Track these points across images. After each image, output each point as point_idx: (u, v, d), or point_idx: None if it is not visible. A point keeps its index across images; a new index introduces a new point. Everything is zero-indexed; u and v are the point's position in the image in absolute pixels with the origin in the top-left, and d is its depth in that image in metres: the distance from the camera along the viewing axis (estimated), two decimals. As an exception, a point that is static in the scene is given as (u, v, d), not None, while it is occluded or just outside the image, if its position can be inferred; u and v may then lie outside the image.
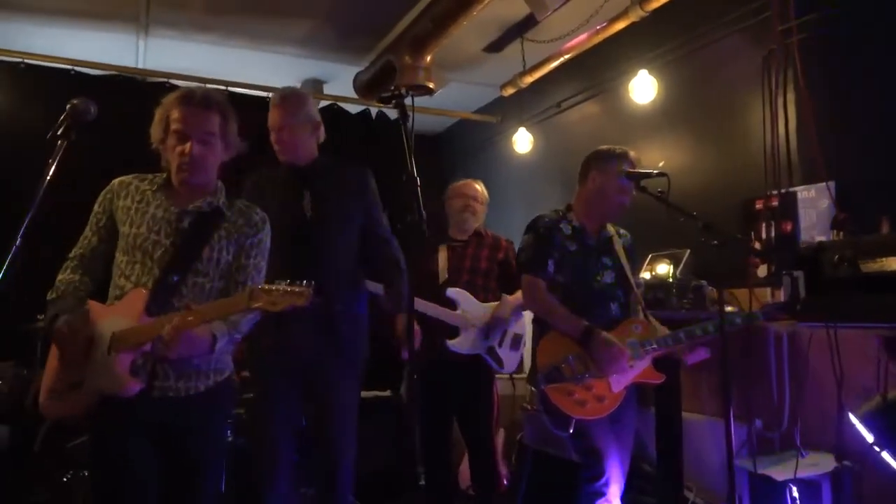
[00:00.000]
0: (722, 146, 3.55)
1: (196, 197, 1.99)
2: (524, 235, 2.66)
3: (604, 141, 4.34)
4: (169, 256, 1.91)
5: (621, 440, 2.52)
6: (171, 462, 1.90)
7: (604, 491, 2.42)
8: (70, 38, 4.37)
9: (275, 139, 2.65)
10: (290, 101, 2.65)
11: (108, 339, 1.83)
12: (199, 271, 1.94)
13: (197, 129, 1.92)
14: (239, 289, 1.95)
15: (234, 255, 1.99)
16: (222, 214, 2.00)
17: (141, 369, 1.84)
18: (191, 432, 1.93)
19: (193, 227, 1.95)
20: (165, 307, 1.85)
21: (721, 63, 3.56)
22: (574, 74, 4.56)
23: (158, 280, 1.88)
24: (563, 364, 2.42)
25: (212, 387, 1.97)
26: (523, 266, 2.61)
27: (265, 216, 2.09)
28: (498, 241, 3.50)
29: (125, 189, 2.00)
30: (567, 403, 2.40)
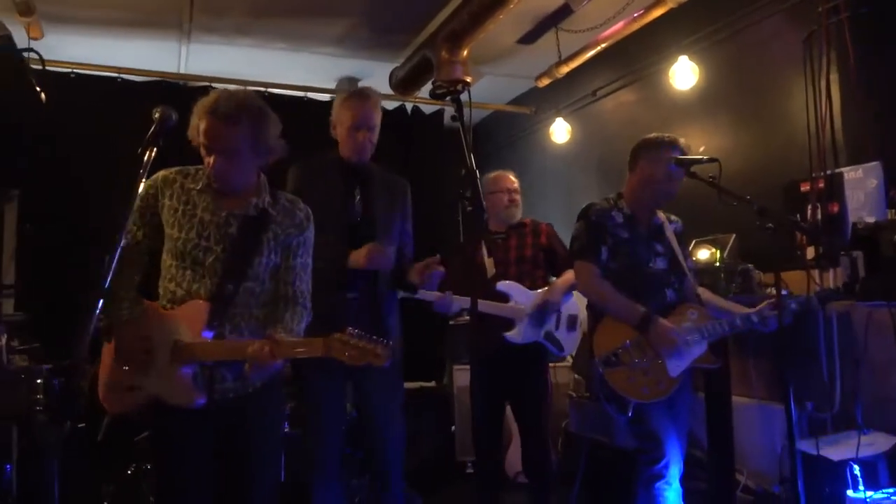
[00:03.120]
0: (764, 129, 3.54)
1: (241, 196, 1.97)
2: (576, 223, 2.68)
3: (641, 128, 4.35)
4: (221, 265, 1.92)
5: (678, 424, 2.55)
6: (230, 456, 1.94)
7: (663, 473, 2.44)
8: (116, 47, 4.51)
9: (359, 139, 2.61)
10: (374, 100, 2.66)
11: (169, 347, 1.85)
12: (251, 277, 1.95)
13: (219, 143, 1.88)
14: (287, 289, 1.99)
15: (282, 256, 2.01)
16: (269, 216, 1.99)
17: (200, 377, 1.88)
18: (249, 427, 1.95)
19: (242, 233, 1.95)
20: (223, 318, 1.88)
21: (762, 45, 3.54)
22: (610, 63, 4.57)
23: (215, 290, 1.90)
24: (621, 349, 2.46)
25: (266, 382, 1.99)
26: (577, 253, 2.64)
27: (308, 212, 2.09)
28: (538, 227, 3.52)
29: (170, 187, 1.96)
30: (626, 387, 2.44)
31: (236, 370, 1.91)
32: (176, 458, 1.91)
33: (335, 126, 2.69)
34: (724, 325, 2.54)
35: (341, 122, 2.66)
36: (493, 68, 5.10)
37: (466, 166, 2.01)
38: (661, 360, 2.47)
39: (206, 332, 1.84)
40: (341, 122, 2.66)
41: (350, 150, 2.66)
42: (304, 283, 2.04)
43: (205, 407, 1.85)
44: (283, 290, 2.00)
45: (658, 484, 2.44)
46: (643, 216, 2.67)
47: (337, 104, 2.70)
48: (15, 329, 2.54)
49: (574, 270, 2.67)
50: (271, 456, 2.07)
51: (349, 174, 2.67)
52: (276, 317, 1.97)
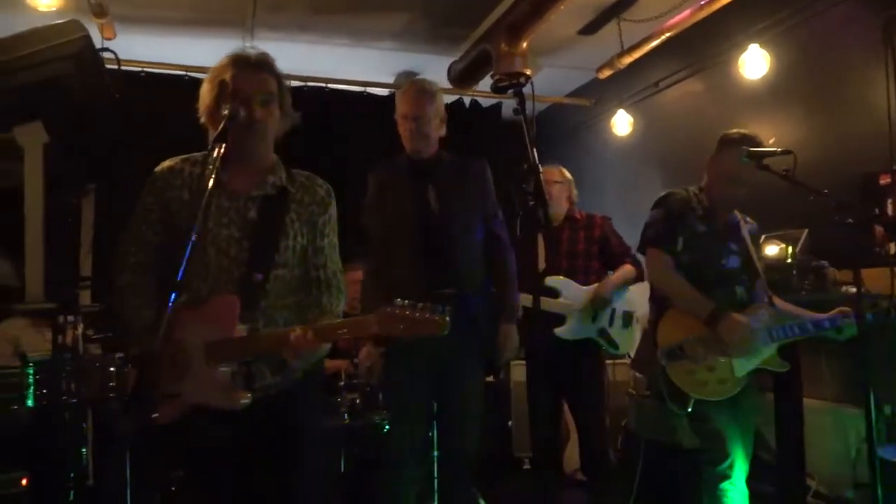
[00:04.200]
0: (839, 119, 3.39)
1: (256, 176, 1.83)
2: (653, 210, 2.62)
3: (707, 121, 4.26)
4: (247, 253, 1.78)
5: (743, 424, 2.48)
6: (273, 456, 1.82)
7: (728, 474, 2.39)
8: (183, 46, 4.63)
9: (406, 127, 2.61)
10: (424, 90, 2.65)
11: (202, 348, 1.72)
12: (279, 263, 1.81)
13: (257, 90, 1.76)
14: (320, 273, 1.87)
15: (308, 237, 1.87)
16: (288, 194, 1.85)
17: (238, 375, 1.75)
18: (290, 423, 1.84)
19: (263, 216, 1.81)
20: (255, 311, 1.75)
21: (837, 31, 3.39)
22: (675, 52, 4.44)
23: (242, 282, 1.76)
24: (686, 342, 2.40)
25: (308, 373, 1.87)
26: (650, 241, 2.57)
27: (329, 188, 1.95)
28: (592, 220, 3.45)
29: (177, 177, 1.81)
30: (688, 382, 2.38)
31: (275, 365, 1.79)
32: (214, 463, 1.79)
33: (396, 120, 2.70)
34: (794, 329, 2.46)
35: (397, 113, 2.66)
36: (552, 60, 5.03)
37: (528, 160, 1.99)
38: (728, 358, 2.40)
39: (238, 327, 1.72)
40: (397, 113, 2.66)
41: (404, 142, 2.65)
42: (335, 264, 1.93)
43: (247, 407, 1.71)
44: (314, 273, 1.88)
45: (723, 485, 2.39)
46: (721, 212, 2.60)
47: (396, 98, 2.71)
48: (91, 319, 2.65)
49: (645, 257, 2.60)
50: (317, 452, 1.96)
51: (418, 173, 2.64)
52: (313, 302, 1.87)
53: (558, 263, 3.31)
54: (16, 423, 2.37)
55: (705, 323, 2.40)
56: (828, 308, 2.60)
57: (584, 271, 3.34)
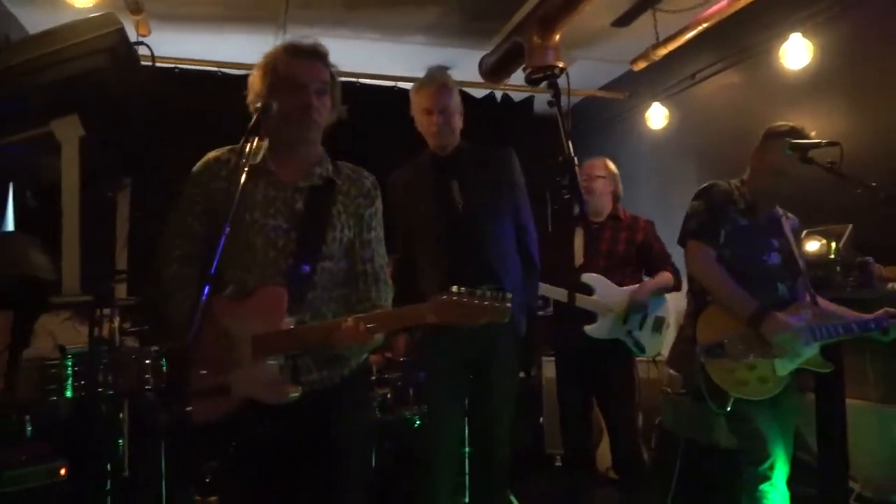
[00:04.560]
0: (884, 110, 3.28)
1: (304, 167, 1.81)
2: (695, 201, 2.55)
3: (745, 113, 4.16)
4: (294, 245, 1.75)
5: (783, 424, 2.42)
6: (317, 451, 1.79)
7: (768, 475, 2.33)
8: (216, 42, 4.67)
9: (433, 122, 2.57)
10: (445, 84, 2.62)
11: (248, 342, 1.68)
12: (326, 255, 1.78)
13: (313, 78, 1.75)
14: (367, 266, 1.84)
15: (355, 230, 1.84)
16: (335, 186, 1.83)
17: (284, 369, 1.72)
18: (336, 419, 1.81)
19: (310, 207, 1.78)
20: (302, 303, 1.72)
21: (883, 19, 3.28)
22: (712, 43, 4.34)
23: (289, 273, 1.72)
24: (727, 340, 2.34)
25: (354, 370, 1.85)
26: (693, 233, 2.50)
27: (375, 181, 1.93)
28: (636, 222, 3.38)
29: (223, 168, 1.78)
30: (727, 381, 2.33)
31: (322, 360, 1.77)
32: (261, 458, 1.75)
33: (415, 117, 2.67)
34: (838, 328, 2.40)
35: (415, 110, 2.64)
36: (585, 52, 4.96)
37: (564, 153, 1.96)
38: (770, 357, 2.33)
39: (286, 319, 1.69)
40: (415, 110, 2.64)
41: (431, 138, 2.63)
42: (382, 258, 1.90)
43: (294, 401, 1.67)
44: (361, 267, 1.84)
45: (763, 486, 2.33)
46: (763, 206, 2.53)
47: (411, 95, 2.68)
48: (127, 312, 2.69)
49: (686, 249, 2.53)
50: (361, 448, 1.93)
51: (441, 169, 2.62)
52: (361, 296, 1.83)
53: (596, 261, 3.26)
54: (55, 414, 2.41)
55: (748, 322, 2.34)
56: (873, 306, 2.53)
57: (621, 272, 3.28)
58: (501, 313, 1.55)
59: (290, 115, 1.73)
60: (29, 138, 1.77)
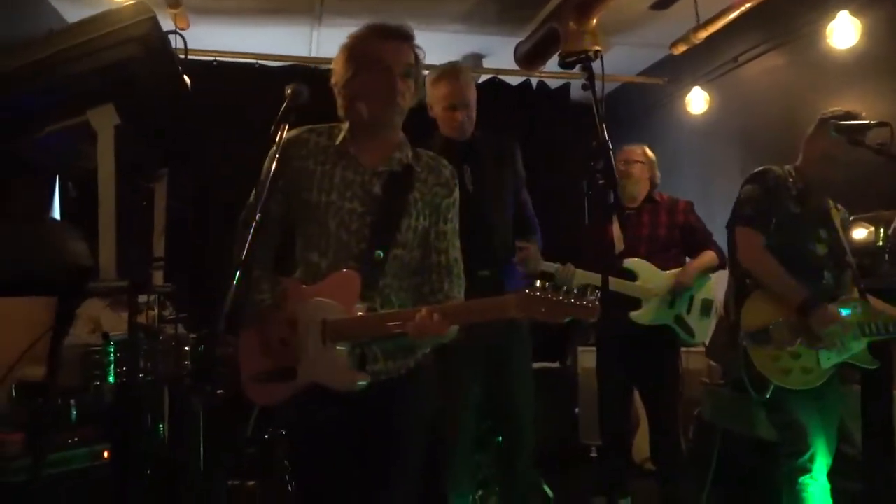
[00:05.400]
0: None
1: (384, 151, 1.78)
2: (747, 185, 2.51)
3: (790, 96, 4.03)
4: (369, 229, 1.72)
5: (826, 416, 2.38)
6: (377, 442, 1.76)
7: (808, 467, 2.30)
8: (253, 34, 4.73)
9: (457, 118, 2.61)
10: (465, 76, 2.65)
11: (319, 327, 1.66)
12: (399, 243, 1.74)
13: (399, 60, 1.71)
14: (441, 258, 1.79)
15: (431, 220, 1.79)
16: (413, 173, 1.79)
17: (352, 356, 1.69)
18: (400, 410, 1.78)
19: (388, 192, 1.75)
20: (373, 290, 1.69)
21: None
22: (755, 24, 4.21)
23: (362, 258, 1.69)
24: (773, 326, 2.29)
25: (420, 361, 1.81)
26: (744, 219, 2.46)
27: (454, 171, 1.88)
28: (675, 204, 3.33)
29: (303, 147, 1.77)
30: (770, 369, 2.30)
31: (390, 349, 1.74)
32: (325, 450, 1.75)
33: (431, 106, 2.67)
34: (888, 326, 2.36)
35: (437, 101, 2.65)
36: (622, 38, 4.86)
37: (598, 137, 1.93)
38: (816, 348, 2.28)
39: (357, 306, 1.65)
40: (437, 101, 2.65)
41: (451, 129, 2.65)
42: (457, 251, 1.84)
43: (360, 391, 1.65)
44: (436, 258, 1.79)
45: (802, 479, 2.30)
46: (815, 195, 2.49)
47: (429, 84, 2.65)
48: (165, 299, 2.75)
49: (736, 234, 2.49)
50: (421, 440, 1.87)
51: (455, 153, 2.59)
52: (435, 288, 1.79)
53: (637, 246, 3.22)
54: (99, 399, 2.48)
55: (797, 311, 2.30)
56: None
57: (663, 256, 3.23)
58: (589, 312, 1.49)
59: (374, 97, 1.71)
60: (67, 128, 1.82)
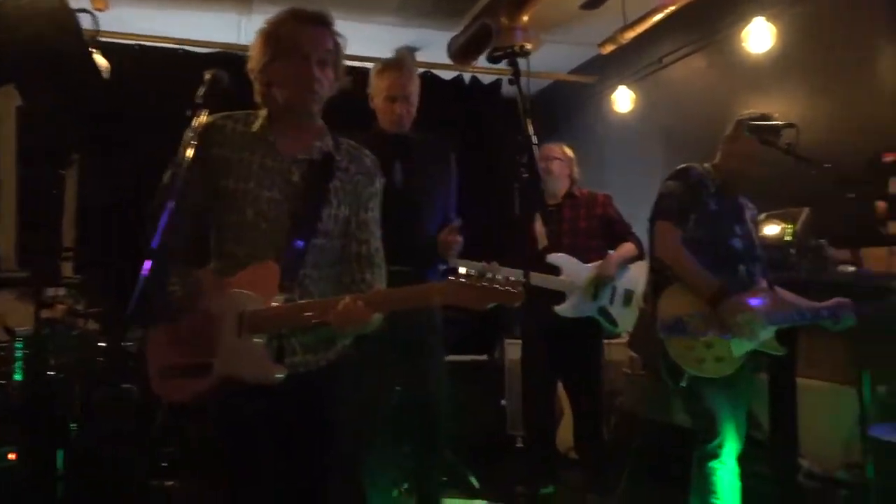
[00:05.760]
0: (846, 97, 3.32)
1: (304, 139, 1.75)
2: (669, 181, 2.58)
3: (711, 96, 4.18)
4: (288, 218, 1.68)
5: (736, 403, 2.48)
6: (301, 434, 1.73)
7: (718, 453, 2.38)
8: (179, 20, 4.56)
9: (396, 110, 2.59)
10: (409, 68, 2.63)
11: (235, 319, 1.61)
12: (321, 232, 1.71)
13: (317, 47, 1.67)
14: (363, 248, 1.77)
15: (352, 209, 1.77)
16: (334, 161, 1.76)
17: (269, 349, 1.64)
18: (322, 404, 1.75)
19: (307, 181, 1.72)
20: (292, 280, 1.65)
21: (846, 4, 3.31)
22: (679, 27, 4.35)
23: (283, 248, 1.65)
24: (688, 318, 2.38)
25: (340, 353, 1.78)
26: (663, 213, 2.53)
27: (375, 160, 1.86)
28: (594, 198, 3.43)
29: (220, 133, 1.71)
30: (685, 358, 2.38)
31: (310, 342, 1.70)
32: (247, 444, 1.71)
33: (372, 97, 2.67)
34: (792, 314, 2.47)
35: (378, 92, 2.63)
36: (554, 35, 4.94)
37: (522, 132, 1.95)
38: (727, 337, 2.39)
39: (276, 297, 1.61)
40: (378, 92, 2.63)
41: (389, 122, 2.64)
42: (378, 241, 1.83)
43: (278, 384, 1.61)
44: (356, 248, 1.77)
45: (712, 463, 2.39)
46: (732, 192, 2.59)
47: (373, 74, 2.66)
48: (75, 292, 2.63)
49: (655, 229, 2.56)
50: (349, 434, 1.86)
51: (389, 147, 2.59)
52: (357, 278, 1.76)
53: (559, 241, 3.29)
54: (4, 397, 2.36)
55: (709, 301, 2.39)
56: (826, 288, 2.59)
57: (586, 249, 3.32)
58: (513, 297, 1.48)
59: (291, 84, 1.67)
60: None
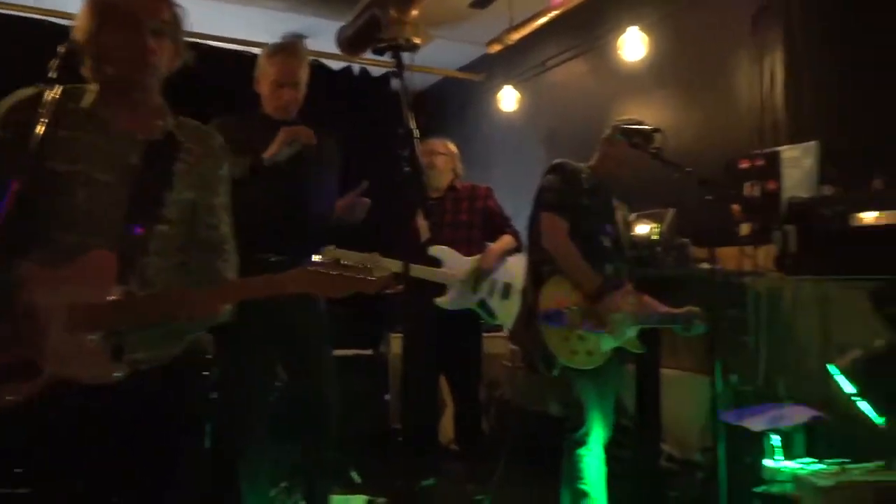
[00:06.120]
0: (710, 106, 3.56)
1: (141, 117, 1.60)
2: (549, 175, 2.64)
3: (591, 101, 4.36)
4: (126, 203, 1.54)
5: (603, 394, 2.59)
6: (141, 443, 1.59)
7: (585, 440, 2.48)
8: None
9: (283, 96, 2.53)
10: (299, 54, 2.57)
11: (65, 314, 1.47)
12: (163, 218, 1.58)
13: (149, 15, 1.53)
14: (211, 234, 1.67)
15: (199, 193, 1.65)
16: (176, 141, 1.62)
17: (106, 346, 1.50)
18: (166, 404, 1.63)
19: (147, 163, 1.57)
20: (131, 271, 1.51)
21: (713, 19, 3.55)
22: (562, 32, 4.51)
23: (120, 236, 1.52)
24: (567, 310, 2.46)
25: (188, 348, 1.66)
26: (548, 205, 2.58)
27: (223, 141, 1.74)
28: (475, 191, 3.49)
29: (41, 108, 1.51)
30: (560, 348, 2.45)
31: (151, 336, 1.56)
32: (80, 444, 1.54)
33: (259, 81, 2.59)
34: (653, 317, 2.62)
35: (266, 77, 2.56)
36: (443, 32, 4.98)
37: (404, 125, 1.94)
38: (600, 332, 2.49)
39: (115, 289, 1.47)
40: (266, 77, 2.56)
41: (274, 108, 2.57)
42: (228, 226, 1.72)
43: (116, 383, 1.47)
44: (204, 235, 1.66)
45: (579, 450, 2.48)
46: (604, 193, 2.69)
47: (262, 58, 2.59)
48: None
49: (543, 220, 2.60)
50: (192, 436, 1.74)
51: (273, 132, 2.53)
52: (205, 265, 1.66)
53: (441, 234, 3.32)
54: None
55: (590, 296, 2.48)
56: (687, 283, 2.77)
57: (467, 242, 3.36)
58: (369, 285, 1.45)
59: (123, 56, 1.52)
60: None
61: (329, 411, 2.63)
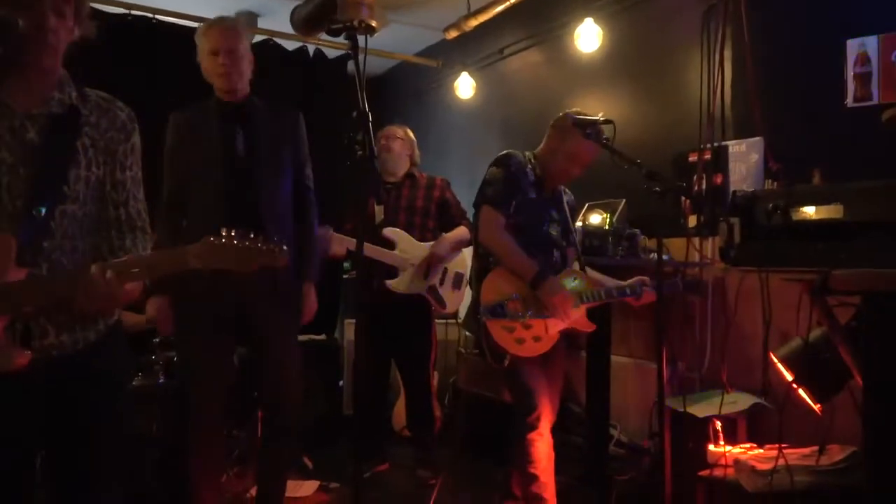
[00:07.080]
0: (661, 100, 3.62)
1: (39, 91, 1.52)
2: (492, 168, 2.68)
3: (545, 90, 4.39)
4: (24, 183, 1.47)
5: (551, 380, 2.66)
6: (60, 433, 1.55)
7: (535, 425, 2.52)
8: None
9: (220, 63, 2.50)
10: (234, 26, 2.56)
11: None
12: (68, 197, 1.51)
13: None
14: (121, 211, 1.60)
15: (106, 169, 1.58)
16: (79, 115, 1.55)
17: (11, 331, 1.44)
18: (79, 394, 1.56)
19: (47, 139, 1.50)
20: (36, 254, 1.47)
21: (666, 15, 3.60)
22: (519, 20, 4.52)
23: (20, 217, 1.45)
24: (508, 301, 2.49)
25: (104, 332, 1.61)
26: (487, 199, 2.62)
27: (131, 113, 1.66)
28: (433, 181, 3.51)
29: None
30: (506, 340, 2.49)
31: (62, 320, 1.52)
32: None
33: (200, 60, 2.56)
34: (600, 293, 2.67)
35: (202, 53, 2.54)
36: (401, 16, 4.93)
37: (358, 108, 1.93)
38: (544, 318, 2.53)
39: (14, 273, 1.42)
40: (202, 53, 2.54)
41: (217, 80, 2.53)
42: (139, 203, 1.65)
43: (26, 370, 1.41)
44: (114, 212, 1.60)
45: (529, 435, 2.52)
46: (551, 183, 2.73)
47: (197, 35, 2.57)
48: None
49: (480, 214, 2.65)
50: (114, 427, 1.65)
51: (228, 115, 2.55)
52: (115, 245, 1.60)
53: (396, 217, 3.33)
54: None
55: (529, 284, 2.51)
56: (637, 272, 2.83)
57: (421, 228, 3.38)
58: (275, 256, 1.42)
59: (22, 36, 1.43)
60: None
61: (288, 397, 2.61)
